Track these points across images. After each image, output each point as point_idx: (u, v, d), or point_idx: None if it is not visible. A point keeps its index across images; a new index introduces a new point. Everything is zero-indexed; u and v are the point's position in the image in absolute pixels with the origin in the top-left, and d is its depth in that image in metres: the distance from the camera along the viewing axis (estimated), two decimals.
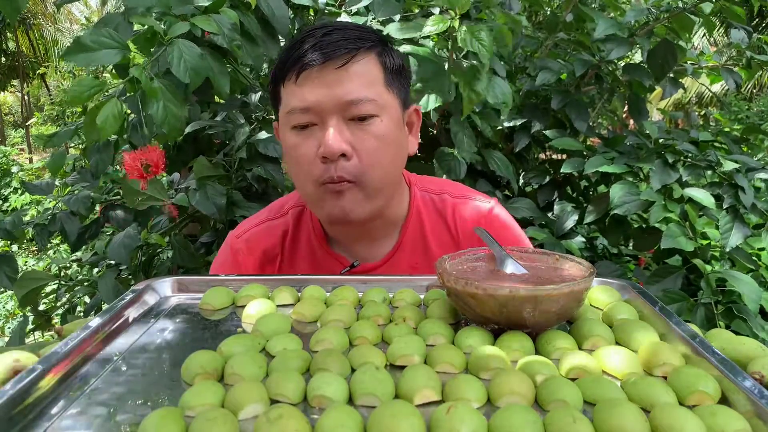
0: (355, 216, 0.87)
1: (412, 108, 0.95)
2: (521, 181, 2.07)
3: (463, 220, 1.00)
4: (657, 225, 1.68)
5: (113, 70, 1.55)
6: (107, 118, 1.18)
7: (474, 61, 1.50)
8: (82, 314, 1.87)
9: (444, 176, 1.69)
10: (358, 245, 0.99)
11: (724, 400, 0.49)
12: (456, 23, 1.49)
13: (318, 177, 0.85)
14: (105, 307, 0.96)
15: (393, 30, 1.51)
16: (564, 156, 2.10)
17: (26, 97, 15.80)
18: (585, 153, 1.85)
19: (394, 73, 0.88)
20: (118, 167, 2.02)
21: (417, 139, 0.97)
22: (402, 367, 0.54)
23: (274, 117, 0.98)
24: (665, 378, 0.53)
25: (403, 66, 0.91)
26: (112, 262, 1.70)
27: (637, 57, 2.29)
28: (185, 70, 1.23)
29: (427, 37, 1.56)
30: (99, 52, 1.19)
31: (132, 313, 0.70)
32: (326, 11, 1.66)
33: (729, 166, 1.64)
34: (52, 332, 0.70)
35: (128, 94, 1.35)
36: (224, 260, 1.04)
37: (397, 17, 1.65)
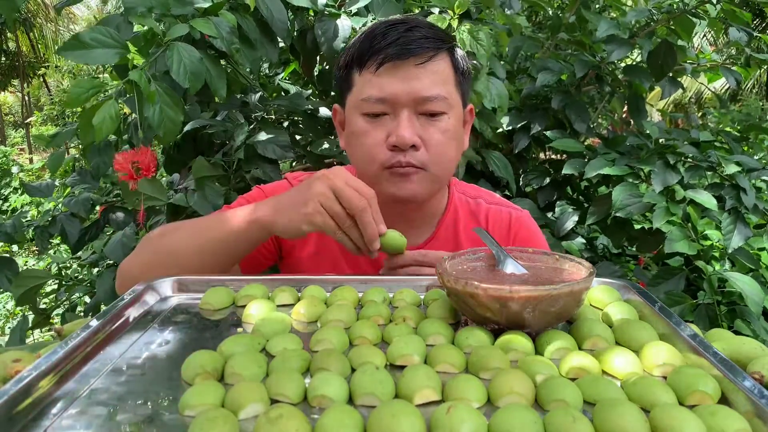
0: (420, 197, 0.94)
1: (468, 107, 1.01)
2: (521, 182, 2.07)
3: (496, 224, 1.06)
4: (659, 226, 1.68)
5: (113, 71, 1.55)
6: (104, 120, 1.17)
7: (474, 61, 1.50)
8: (81, 314, 1.87)
9: None
10: (396, 229, 1.02)
11: (724, 400, 0.49)
12: (455, 23, 1.49)
13: (384, 161, 0.90)
14: (104, 307, 0.96)
15: None
16: (564, 156, 2.10)
17: (26, 97, 15.80)
18: (585, 154, 1.85)
19: (462, 74, 0.94)
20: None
21: (468, 136, 1.04)
22: (402, 367, 0.54)
23: (338, 101, 1.04)
24: (665, 378, 0.53)
25: (469, 69, 0.97)
26: (112, 261, 1.70)
27: (636, 55, 2.29)
28: (185, 75, 1.23)
29: None
30: (96, 50, 1.18)
31: (132, 313, 0.70)
32: (326, 12, 1.66)
33: (730, 168, 1.64)
34: (52, 332, 0.70)
35: (128, 95, 1.35)
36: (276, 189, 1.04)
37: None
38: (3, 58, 14.19)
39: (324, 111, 1.83)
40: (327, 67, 1.98)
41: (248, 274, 1.00)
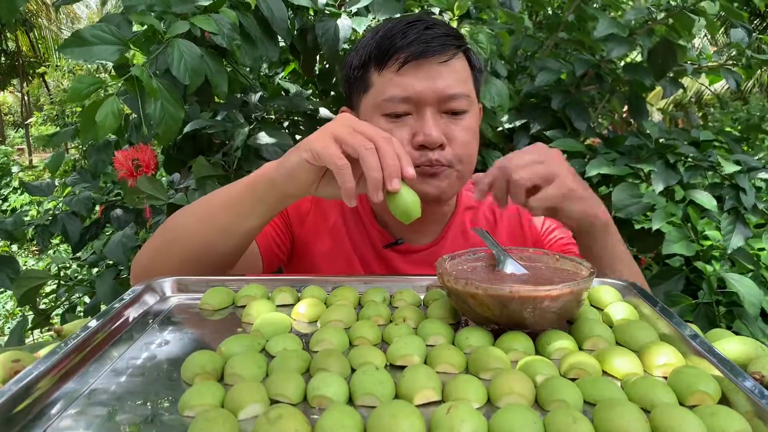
0: (447, 196, 0.93)
1: (479, 105, 1.01)
2: None
3: (506, 211, 1.06)
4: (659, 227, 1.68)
5: (113, 71, 1.55)
6: (106, 116, 1.17)
7: None
8: (81, 314, 1.87)
9: None
10: (405, 228, 1.01)
11: (724, 401, 0.49)
12: (454, 23, 1.49)
13: (413, 161, 0.87)
14: (104, 307, 0.96)
15: None
16: (564, 156, 2.09)
17: (26, 97, 15.80)
18: (585, 153, 1.85)
19: (477, 72, 0.96)
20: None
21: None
22: (402, 367, 0.54)
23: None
24: (665, 378, 0.53)
25: (481, 67, 0.98)
26: (111, 262, 1.70)
27: (637, 56, 2.29)
28: (185, 71, 1.23)
29: None
30: (97, 47, 1.18)
31: (132, 313, 0.70)
32: (326, 11, 1.66)
33: (730, 168, 1.64)
34: (52, 332, 0.70)
35: (128, 94, 1.35)
36: None
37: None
38: (3, 58, 14.18)
39: (324, 111, 1.83)
40: (327, 67, 1.98)
41: (264, 270, 0.99)
